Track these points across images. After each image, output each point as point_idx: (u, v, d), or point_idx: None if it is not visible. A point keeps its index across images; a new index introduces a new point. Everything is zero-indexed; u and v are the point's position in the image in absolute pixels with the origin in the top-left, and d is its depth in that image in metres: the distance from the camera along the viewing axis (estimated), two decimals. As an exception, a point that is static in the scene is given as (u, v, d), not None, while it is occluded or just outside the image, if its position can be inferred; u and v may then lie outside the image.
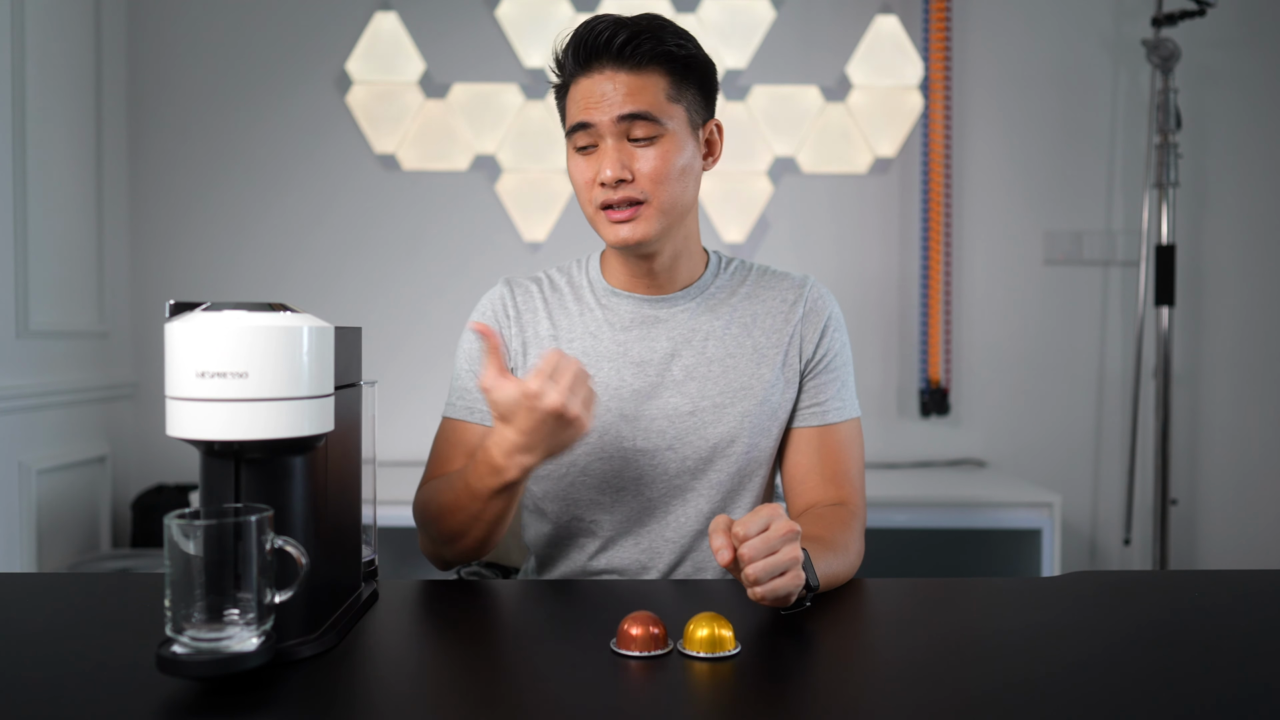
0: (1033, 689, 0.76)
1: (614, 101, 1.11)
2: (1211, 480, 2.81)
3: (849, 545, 1.07)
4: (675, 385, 1.20)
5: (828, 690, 0.76)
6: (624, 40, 1.11)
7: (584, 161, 1.15)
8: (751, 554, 0.87)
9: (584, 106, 1.13)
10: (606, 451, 1.19)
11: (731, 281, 1.26)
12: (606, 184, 1.12)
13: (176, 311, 0.80)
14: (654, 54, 1.12)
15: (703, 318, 1.22)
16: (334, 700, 0.74)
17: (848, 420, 1.22)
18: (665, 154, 1.12)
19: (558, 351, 0.98)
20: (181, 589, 0.73)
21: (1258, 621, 0.94)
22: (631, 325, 1.22)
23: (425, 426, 3.01)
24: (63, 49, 2.41)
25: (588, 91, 1.13)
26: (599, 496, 1.20)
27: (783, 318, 1.23)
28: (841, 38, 2.77)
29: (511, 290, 1.26)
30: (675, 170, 1.13)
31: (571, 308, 1.24)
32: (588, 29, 1.13)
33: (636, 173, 1.12)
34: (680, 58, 1.14)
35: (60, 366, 2.39)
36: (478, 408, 1.21)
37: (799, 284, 1.25)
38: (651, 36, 1.12)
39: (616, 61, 1.12)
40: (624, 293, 1.23)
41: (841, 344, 1.25)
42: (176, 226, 2.75)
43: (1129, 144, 2.78)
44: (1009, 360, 2.80)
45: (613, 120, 1.11)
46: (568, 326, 1.23)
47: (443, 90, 2.75)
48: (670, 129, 1.13)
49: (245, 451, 0.79)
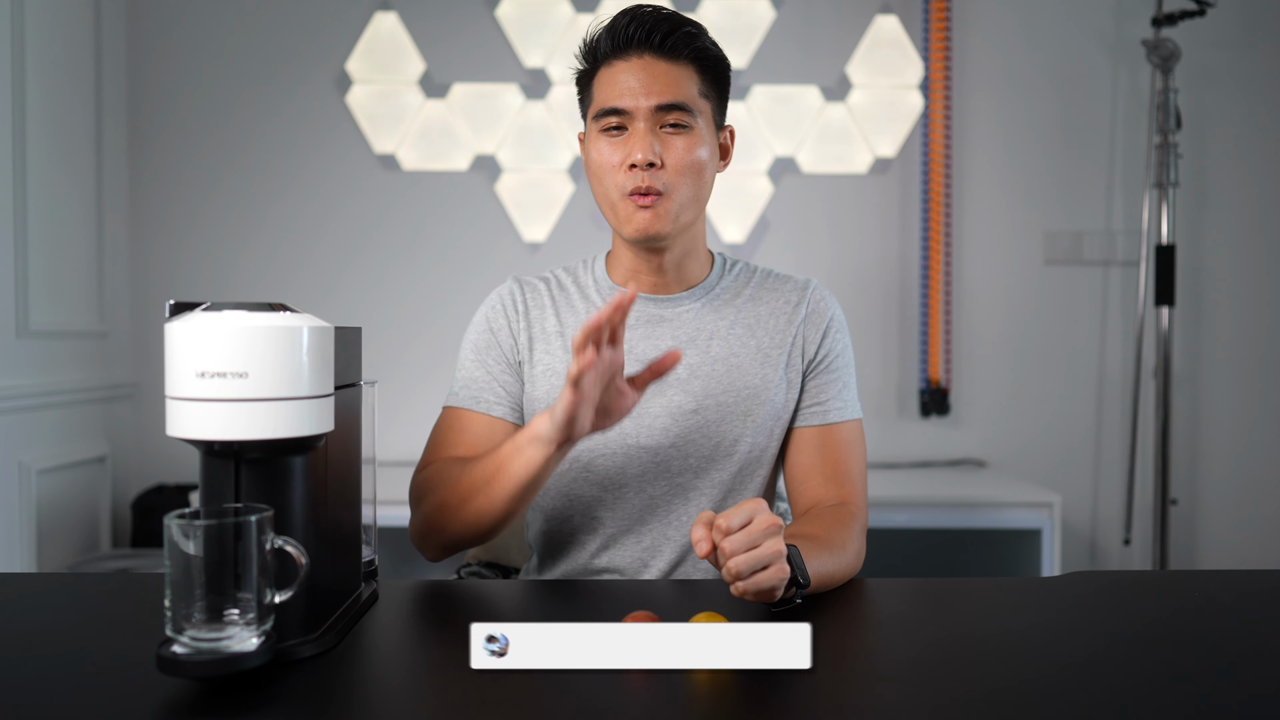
0: (1033, 689, 0.76)
1: (653, 90, 1.13)
2: (1211, 480, 2.81)
3: (847, 545, 1.07)
4: (679, 384, 1.20)
5: (827, 690, 0.76)
6: (666, 31, 1.14)
7: (610, 145, 1.15)
8: (733, 548, 0.87)
9: (619, 92, 1.14)
10: (610, 448, 1.19)
11: (736, 283, 1.26)
12: (638, 166, 1.12)
13: (176, 311, 0.80)
14: (690, 49, 1.15)
15: (707, 318, 1.23)
16: (334, 700, 0.74)
17: (849, 420, 1.23)
18: (692, 146, 1.15)
19: None
20: (181, 589, 0.73)
21: (1258, 621, 0.94)
22: (636, 324, 1.22)
23: (425, 426, 3.00)
24: (63, 49, 2.42)
25: (623, 76, 1.14)
26: (601, 493, 1.21)
27: (786, 319, 1.24)
28: (841, 38, 2.77)
29: (520, 287, 1.27)
30: (699, 164, 1.16)
31: (578, 305, 1.25)
32: (630, 16, 1.15)
33: (664, 161, 1.13)
34: (713, 57, 1.18)
35: (60, 366, 2.39)
36: (484, 398, 1.21)
37: (802, 286, 1.26)
38: (691, 32, 1.16)
39: (656, 51, 1.14)
40: None
41: (844, 345, 1.26)
42: (176, 226, 2.75)
43: (1129, 144, 2.78)
44: (1009, 360, 2.80)
45: (651, 108, 1.13)
46: (574, 324, 1.24)
47: (443, 90, 2.75)
48: (699, 123, 1.16)
49: (245, 451, 0.79)
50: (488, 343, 1.24)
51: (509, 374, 1.23)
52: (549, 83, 2.76)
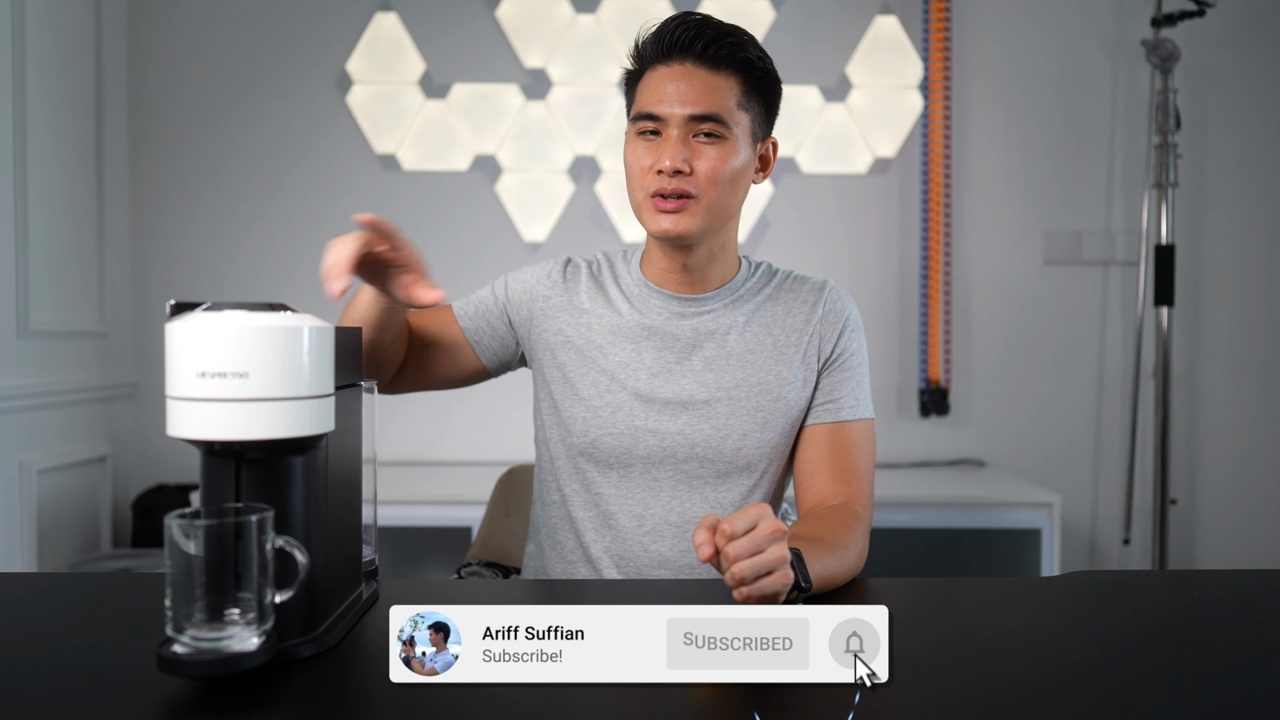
0: (1033, 689, 0.76)
1: (688, 99, 1.15)
2: (1211, 480, 2.81)
3: (849, 546, 1.07)
4: (693, 374, 1.22)
5: (826, 689, 0.76)
6: (709, 40, 1.15)
7: (644, 147, 1.18)
8: (737, 553, 0.87)
9: (657, 98, 1.16)
10: (618, 428, 1.21)
11: (758, 284, 1.28)
12: (664, 172, 1.14)
13: (176, 311, 0.80)
14: (733, 59, 1.16)
15: (727, 316, 1.25)
16: (334, 700, 0.74)
17: (861, 419, 1.23)
18: (725, 156, 1.16)
19: None
20: (182, 589, 0.73)
21: (1258, 621, 0.94)
22: (659, 319, 1.25)
23: (425, 427, 3.02)
24: (63, 49, 2.42)
25: (662, 82, 1.16)
26: (606, 472, 1.22)
27: (803, 318, 1.25)
28: (841, 38, 2.77)
29: (567, 266, 1.32)
30: (731, 174, 1.17)
31: (610, 291, 1.28)
32: (676, 22, 1.17)
33: (695, 169, 1.15)
34: (758, 69, 1.19)
35: (60, 366, 2.39)
36: (467, 310, 1.29)
37: (819, 287, 1.28)
38: (735, 42, 1.17)
39: (698, 59, 1.16)
40: (658, 289, 1.26)
41: (858, 345, 1.27)
42: (176, 226, 2.75)
43: (1129, 144, 2.78)
44: (1009, 360, 2.80)
45: (684, 118, 1.15)
46: (603, 304, 1.27)
47: (443, 90, 2.75)
48: (735, 134, 1.17)
49: (245, 451, 0.79)
50: (504, 291, 1.30)
51: (502, 319, 1.29)
52: (549, 83, 2.76)
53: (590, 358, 1.24)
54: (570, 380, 1.24)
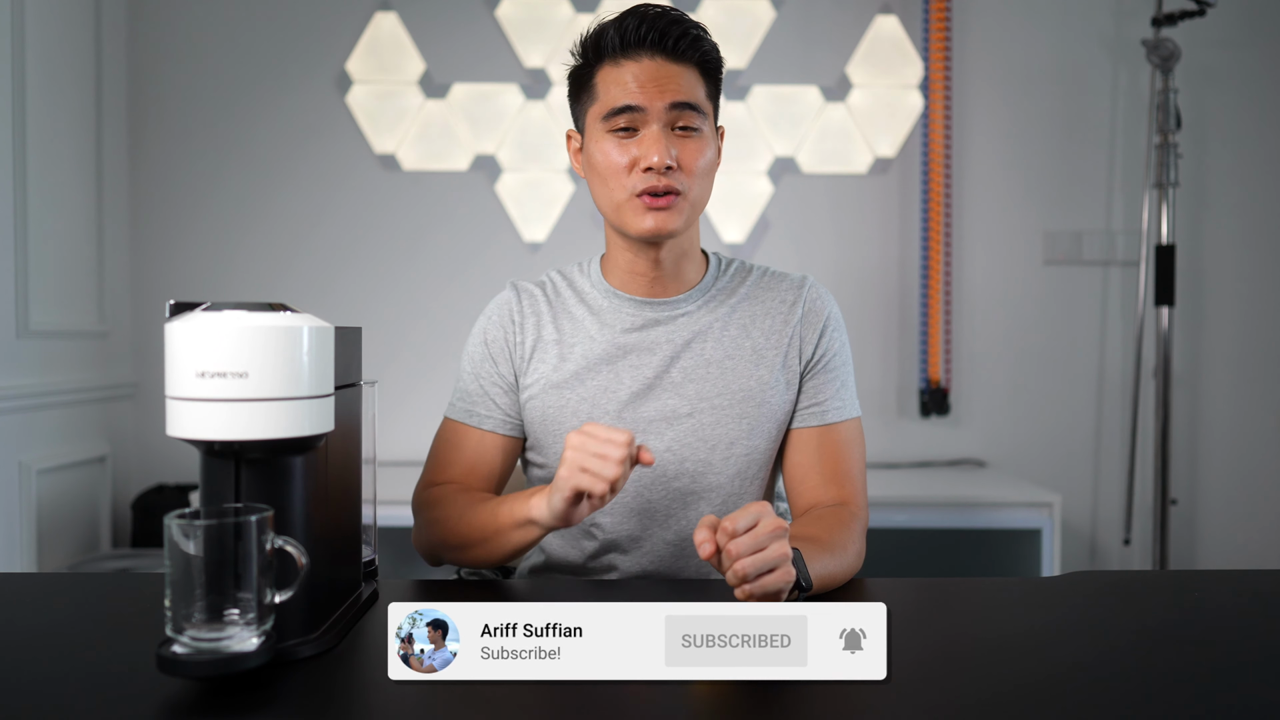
0: (1033, 689, 0.76)
1: (668, 88, 1.12)
2: (1211, 480, 2.81)
3: (848, 545, 1.07)
4: (674, 388, 1.19)
5: (826, 690, 0.76)
6: (678, 35, 1.13)
7: (618, 146, 1.14)
8: (738, 550, 0.87)
9: (633, 90, 1.12)
10: None
11: (731, 283, 1.25)
12: (654, 169, 1.11)
13: (176, 311, 0.80)
14: (696, 52, 1.15)
15: (702, 320, 1.21)
16: (334, 700, 0.74)
17: (848, 420, 1.22)
18: (702, 148, 1.15)
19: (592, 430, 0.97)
20: (182, 589, 0.73)
21: (1258, 621, 0.94)
22: (631, 328, 1.21)
23: (425, 426, 3.00)
24: (63, 49, 2.42)
25: (630, 76, 1.13)
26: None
27: (782, 319, 1.22)
28: (841, 38, 2.77)
29: (518, 295, 1.25)
30: (708, 166, 1.16)
31: (575, 311, 1.23)
32: (640, 17, 1.14)
33: (679, 163, 1.13)
34: (714, 60, 1.17)
35: (60, 366, 2.39)
36: (477, 412, 1.22)
37: (798, 284, 1.25)
38: (697, 36, 1.15)
39: (665, 53, 1.13)
40: (625, 295, 1.22)
41: (841, 344, 1.24)
42: (176, 226, 2.75)
43: (1129, 144, 2.78)
44: (1009, 360, 2.80)
45: (665, 106, 1.12)
46: (570, 330, 1.22)
47: (443, 90, 2.75)
48: (705, 127, 1.16)
49: (245, 451, 0.79)
50: (482, 356, 1.23)
51: (501, 387, 1.22)
52: (549, 83, 2.76)
53: (564, 392, 1.19)
54: (549, 420, 1.20)
